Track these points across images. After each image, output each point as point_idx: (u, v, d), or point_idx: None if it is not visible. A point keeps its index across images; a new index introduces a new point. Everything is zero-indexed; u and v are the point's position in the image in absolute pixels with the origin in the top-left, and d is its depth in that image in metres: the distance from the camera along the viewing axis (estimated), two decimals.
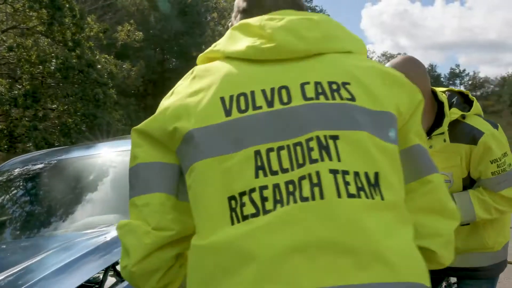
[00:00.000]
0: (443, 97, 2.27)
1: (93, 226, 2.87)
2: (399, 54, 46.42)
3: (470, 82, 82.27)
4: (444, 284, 4.95)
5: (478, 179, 2.25)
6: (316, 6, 45.01)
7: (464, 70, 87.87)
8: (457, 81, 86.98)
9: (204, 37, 21.95)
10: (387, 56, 46.65)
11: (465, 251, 2.32)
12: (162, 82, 21.41)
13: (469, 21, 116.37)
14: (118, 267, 2.26)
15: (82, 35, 12.28)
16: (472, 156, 2.20)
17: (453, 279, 4.48)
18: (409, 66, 2.19)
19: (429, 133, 2.26)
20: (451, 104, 2.27)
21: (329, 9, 55.19)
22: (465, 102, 2.33)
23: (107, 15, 19.25)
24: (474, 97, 2.34)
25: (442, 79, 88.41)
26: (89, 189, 3.46)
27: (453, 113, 2.23)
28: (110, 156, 3.64)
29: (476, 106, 2.29)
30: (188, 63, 20.90)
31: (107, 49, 17.92)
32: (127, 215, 3.31)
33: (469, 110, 2.28)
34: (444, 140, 2.22)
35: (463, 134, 2.22)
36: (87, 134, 11.65)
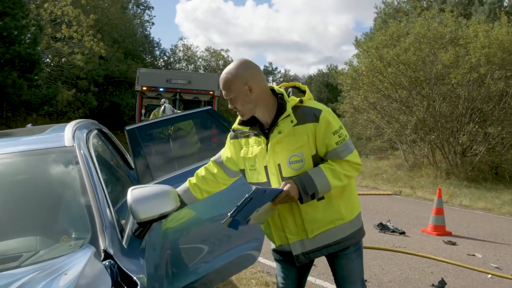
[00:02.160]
0: (281, 90, 2.70)
1: (9, 256, 2.19)
2: (221, 50, 47.67)
3: (281, 79, 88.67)
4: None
5: (325, 154, 2.62)
6: None
7: (276, 68, 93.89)
8: (270, 78, 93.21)
9: (28, 20, 19.73)
10: (211, 52, 47.40)
11: (326, 226, 2.68)
12: None
13: (276, 22, 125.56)
14: None
15: None
16: (317, 132, 2.58)
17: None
18: (243, 67, 2.63)
19: (274, 122, 2.64)
20: (287, 95, 2.68)
21: (149, 1, 54.15)
22: (299, 92, 2.76)
23: None
24: (305, 86, 2.77)
25: None
26: None
27: (292, 100, 2.63)
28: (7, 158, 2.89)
29: (309, 93, 2.73)
30: (10, 48, 18.60)
31: None
32: (50, 235, 2.56)
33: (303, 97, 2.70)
34: (292, 121, 2.57)
35: (305, 115, 2.60)
36: None
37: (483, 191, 14.79)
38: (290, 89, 2.77)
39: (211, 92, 21.10)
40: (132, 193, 2.54)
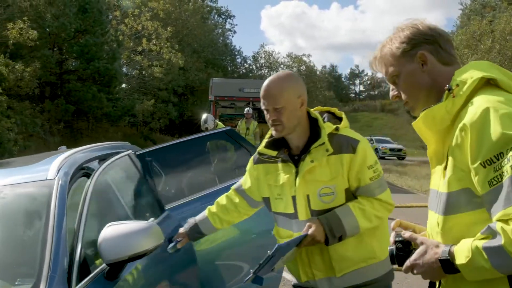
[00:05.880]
0: (316, 114, 2.46)
1: None
2: (303, 55, 47.53)
3: (368, 82, 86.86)
4: None
5: (356, 189, 2.39)
6: (222, 6, 44.65)
7: (363, 71, 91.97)
8: (357, 81, 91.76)
9: (107, 36, 20.72)
10: (292, 57, 47.30)
11: (356, 265, 2.42)
12: (61, 84, 19.91)
13: (362, 23, 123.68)
14: None
15: None
16: (352, 164, 2.35)
17: None
18: (296, 78, 2.43)
19: (306, 148, 2.40)
20: (322, 120, 2.44)
21: (231, 10, 55.18)
22: (334, 118, 2.52)
23: None
24: (342, 112, 2.54)
25: (343, 79, 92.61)
26: None
27: (327, 127, 2.39)
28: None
29: (345, 120, 2.50)
30: (90, 64, 19.59)
31: None
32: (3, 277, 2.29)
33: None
34: (327, 150, 2.34)
35: (341, 144, 2.37)
36: None
37: None
38: (325, 115, 2.54)
39: None
40: (105, 231, 2.34)
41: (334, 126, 2.42)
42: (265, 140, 2.60)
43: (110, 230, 2.32)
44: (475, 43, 17.38)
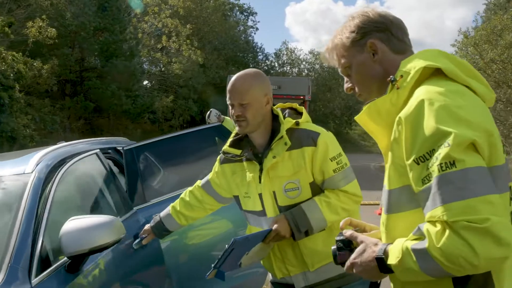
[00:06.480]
0: (277, 111, 2.48)
1: None
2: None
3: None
4: None
5: (322, 183, 2.40)
6: (244, 3, 44.65)
7: None
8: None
9: (126, 34, 20.97)
10: (314, 54, 46.91)
11: (329, 259, 2.26)
12: (81, 81, 20.23)
13: None
14: None
15: None
16: (314, 157, 2.36)
17: None
18: (264, 77, 2.48)
19: (268, 145, 2.43)
20: (283, 117, 2.47)
21: (255, 7, 55.44)
22: (296, 114, 2.54)
23: (18, 10, 17.87)
24: (302, 107, 2.58)
25: None
26: None
27: (287, 122, 2.42)
28: None
29: (306, 115, 2.53)
30: (109, 61, 19.85)
31: (18, 46, 16.60)
32: None
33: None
34: (286, 144, 2.35)
35: (302, 138, 2.39)
36: None
37: None
38: (286, 111, 2.57)
39: (301, 97, 20.64)
40: (66, 225, 2.40)
41: (294, 121, 2.44)
42: (229, 139, 2.62)
43: (72, 224, 2.37)
44: (495, 38, 16.99)
